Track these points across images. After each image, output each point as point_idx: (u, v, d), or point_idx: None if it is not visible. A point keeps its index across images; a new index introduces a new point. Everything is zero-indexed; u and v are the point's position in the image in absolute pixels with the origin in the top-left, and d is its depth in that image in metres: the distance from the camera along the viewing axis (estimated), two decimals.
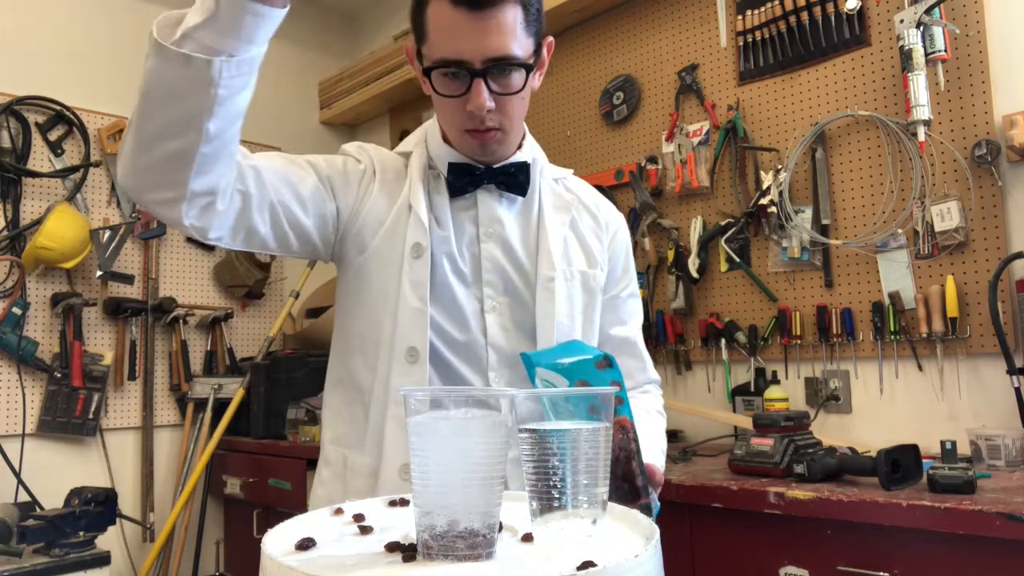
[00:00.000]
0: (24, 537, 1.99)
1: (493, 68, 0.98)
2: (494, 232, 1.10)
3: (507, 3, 0.97)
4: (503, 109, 1.03)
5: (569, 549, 0.62)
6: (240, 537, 2.88)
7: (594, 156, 2.60)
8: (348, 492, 1.10)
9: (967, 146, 1.79)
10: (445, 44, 0.98)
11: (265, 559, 0.58)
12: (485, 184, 1.10)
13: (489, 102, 0.99)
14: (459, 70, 0.99)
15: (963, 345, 1.78)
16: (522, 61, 1.00)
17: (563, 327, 1.09)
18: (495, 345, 1.07)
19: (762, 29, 2.17)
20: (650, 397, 1.26)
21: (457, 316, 1.07)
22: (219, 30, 0.80)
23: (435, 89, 1.03)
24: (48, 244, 2.50)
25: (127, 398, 2.84)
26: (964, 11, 1.81)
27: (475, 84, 0.98)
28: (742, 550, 1.50)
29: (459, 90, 1.00)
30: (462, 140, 1.07)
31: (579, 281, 1.13)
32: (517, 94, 1.02)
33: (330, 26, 3.68)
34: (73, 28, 2.83)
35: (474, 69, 0.98)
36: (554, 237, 1.11)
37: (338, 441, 1.17)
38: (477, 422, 0.60)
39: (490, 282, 1.08)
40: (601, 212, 1.21)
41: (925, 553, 1.27)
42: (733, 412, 2.12)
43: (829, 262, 2.02)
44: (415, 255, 1.05)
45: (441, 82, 1.01)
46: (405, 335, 1.04)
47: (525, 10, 0.99)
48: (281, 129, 3.39)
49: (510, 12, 0.97)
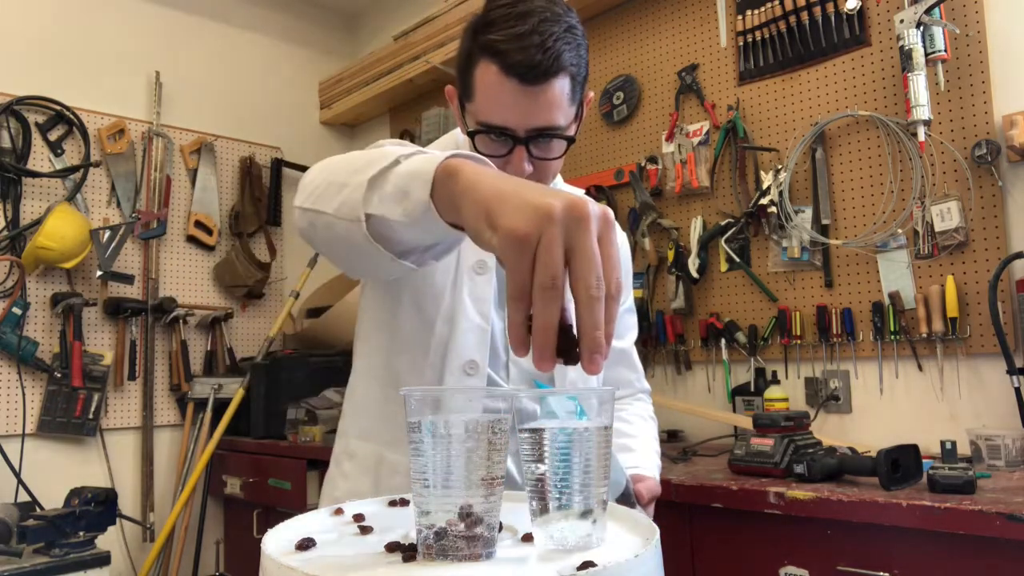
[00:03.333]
0: (24, 537, 1.99)
1: (537, 137, 0.99)
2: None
3: (558, 77, 0.96)
4: (541, 172, 1.04)
5: (569, 549, 0.62)
6: (240, 537, 2.88)
7: (594, 156, 2.60)
8: (380, 489, 1.10)
9: (967, 146, 1.79)
10: (492, 110, 0.98)
11: (265, 559, 0.58)
12: None
13: (528, 167, 1.01)
14: (503, 136, 0.99)
15: (963, 345, 1.78)
16: (564, 133, 1.01)
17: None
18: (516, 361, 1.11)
19: (762, 29, 2.17)
20: (643, 404, 1.36)
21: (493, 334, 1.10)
22: (414, 234, 0.75)
23: (476, 148, 1.03)
24: (48, 244, 2.50)
25: (127, 398, 2.84)
26: (964, 11, 1.81)
27: (516, 151, 0.99)
28: (742, 550, 1.50)
29: (500, 151, 1.00)
30: None
31: None
32: (556, 160, 1.04)
33: (330, 26, 3.68)
34: (73, 28, 2.83)
35: (517, 136, 0.99)
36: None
37: (368, 436, 1.16)
38: (477, 422, 0.60)
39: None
40: None
41: (925, 553, 1.27)
42: (733, 412, 2.12)
43: (829, 262, 2.02)
44: (479, 271, 1.08)
45: (484, 142, 1.02)
46: (465, 347, 1.07)
47: (573, 80, 0.99)
48: (281, 129, 3.40)
49: (559, 85, 0.97)
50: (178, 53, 3.10)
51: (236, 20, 3.32)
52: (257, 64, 3.37)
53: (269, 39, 3.43)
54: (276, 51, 3.45)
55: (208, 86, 3.18)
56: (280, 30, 3.47)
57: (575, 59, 0.98)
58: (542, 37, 0.94)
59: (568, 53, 0.96)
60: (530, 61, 0.93)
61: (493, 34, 0.95)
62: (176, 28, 3.12)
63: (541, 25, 0.95)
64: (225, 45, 3.27)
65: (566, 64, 0.96)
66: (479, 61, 0.98)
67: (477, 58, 0.98)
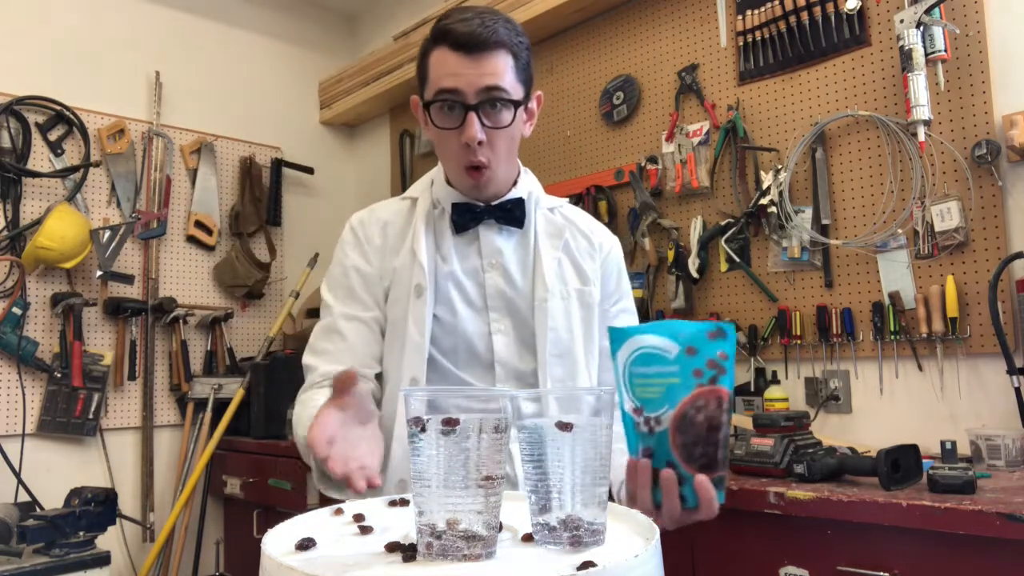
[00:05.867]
0: (24, 537, 1.99)
1: (485, 103, 1.10)
2: (496, 263, 1.22)
3: (499, 50, 1.10)
4: (492, 144, 1.13)
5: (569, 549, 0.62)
6: (240, 537, 2.88)
7: (594, 156, 2.60)
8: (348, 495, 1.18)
9: (967, 146, 1.79)
10: (441, 78, 1.11)
11: (265, 559, 0.58)
12: (486, 220, 1.22)
13: (480, 134, 1.10)
14: (454, 102, 1.10)
15: (963, 345, 1.78)
16: (512, 97, 1.11)
17: (562, 340, 1.20)
18: (502, 361, 1.19)
19: (762, 29, 2.17)
20: None
21: (469, 339, 1.19)
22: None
23: (433, 122, 1.14)
24: (48, 244, 2.50)
25: (127, 398, 2.84)
26: (964, 11, 1.81)
27: (468, 116, 1.10)
28: (742, 550, 1.50)
29: (454, 123, 1.11)
30: (460, 178, 1.18)
31: (576, 298, 1.23)
32: (506, 129, 1.13)
33: (330, 26, 3.68)
34: (73, 28, 2.83)
35: (468, 102, 1.10)
36: (548, 261, 1.22)
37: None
38: (477, 422, 0.60)
39: (495, 307, 1.21)
40: (595, 235, 1.31)
41: (925, 553, 1.27)
42: (733, 412, 2.12)
43: (829, 262, 2.02)
44: (417, 295, 1.18)
45: (439, 115, 1.13)
46: (409, 366, 1.17)
47: (515, 58, 1.12)
48: (281, 129, 3.39)
49: (501, 58, 1.10)
50: (178, 53, 3.10)
51: (236, 20, 3.32)
52: (257, 64, 3.37)
53: (269, 39, 3.43)
54: (276, 51, 3.45)
55: (208, 86, 3.18)
56: (280, 30, 3.47)
57: (515, 39, 1.12)
58: (482, 19, 1.10)
59: (506, 31, 1.11)
60: (471, 31, 1.08)
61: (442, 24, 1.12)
62: (176, 28, 3.11)
63: (483, 14, 1.11)
64: (225, 45, 3.27)
65: (504, 38, 1.10)
66: (432, 51, 1.13)
67: (431, 49, 1.14)
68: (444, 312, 1.19)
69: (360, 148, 3.68)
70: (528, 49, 1.16)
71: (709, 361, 0.81)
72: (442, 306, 1.19)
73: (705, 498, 0.84)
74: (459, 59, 1.09)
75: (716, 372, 0.81)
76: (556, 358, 1.18)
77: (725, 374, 0.82)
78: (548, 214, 1.28)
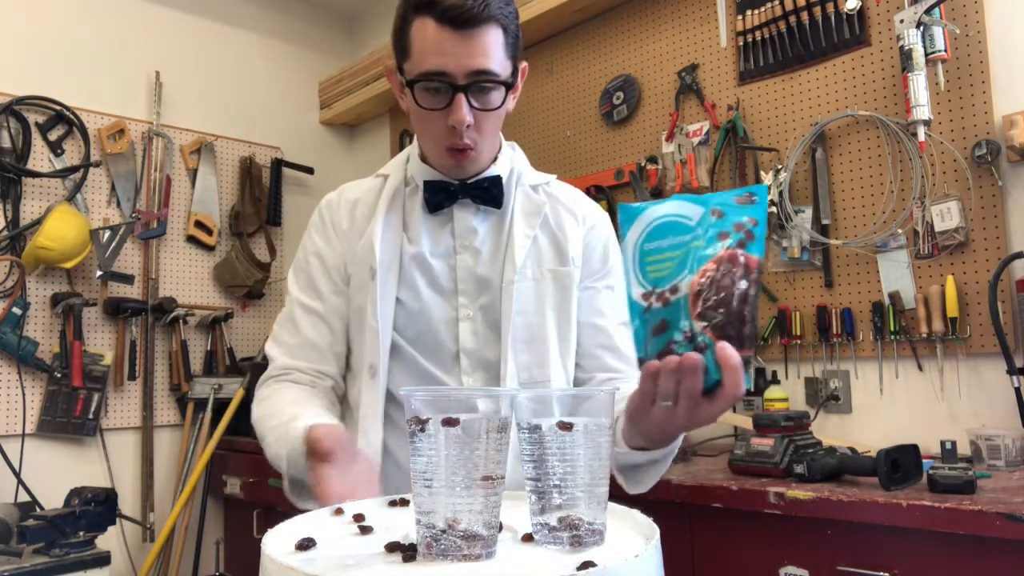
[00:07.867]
0: (24, 537, 1.99)
1: (474, 84, 1.02)
2: (468, 244, 1.15)
3: (490, 24, 1.01)
4: (480, 126, 1.07)
5: (569, 549, 0.62)
6: (240, 537, 2.88)
7: (594, 156, 2.60)
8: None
9: (967, 146, 1.79)
10: (428, 59, 1.02)
11: (265, 559, 0.58)
12: (460, 199, 1.15)
13: (468, 117, 1.03)
14: (442, 84, 1.02)
15: (963, 345, 1.78)
16: (502, 79, 1.04)
17: (531, 325, 1.12)
18: (466, 350, 1.12)
19: (762, 29, 2.17)
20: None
21: (432, 326, 1.12)
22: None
23: (417, 103, 1.06)
24: (48, 244, 2.50)
25: (127, 398, 2.84)
26: (964, 11, 1.81)
27: (456, 99, 1.02)
28: (742, 550, 1.50)
29: (440, 104, 1.04)
30: (440, 158, 1.11)
31: (550, 280, 1.15)
32: (495, 111, 1.07)
33: (330, 26, 3.68)
34: (73, 28, 2.83)
35: (456, 84, 1.02)
36: (520, 240, 1.14)
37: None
38: (477, 422, 0.60)
39: (464, 291, 1.13)
40: (578, 207, 1.23)
41: (925, 553, 1.27)
42: (733, 412, 2.12)
43: (829, 262, 2.02)
44: (371, 277, 1.12)
45: (424, 96, 1.05)
46: (368, 352, 1.11)
47: (505, 32, 1.04)
48: (281, 129, 3.39)
49: (492, 33, 1.02)
50: (178, 53, 3.10)
51: (236, 20, 3.32)
52: (257, 64, 3.36)
53: (269, 39, 3.43)
54: (276, 51, 3.45)
55: (208, 86, 3.18)
56: (280, 30, 3.47)
57: (505, 12, 1.04)
58: None
59: (496, 4, 1.02)
60: (461, 6, 0.99)
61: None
62: (176, 28, 3.11)
63: None
64: (225, 45, 3.27)
65: (495, 13, 1.01)
66: (414, 20, 1.03)
67: (412, 18, 1.03)
68: (408, 297, 1.12)
69: (360, 148, 3.68)
70: (517, 18, 1.08)
71: (736, 224, 0.71)
72: (406, 290, 1.12)
73: (729, 366, 0.70)
74: (447, 35, 1.00)
75: (744, 237, 0.70)
76: (524, 344, 1.11)
77: (754, 240, 0.71)
78: (529, 191, 1.20)
